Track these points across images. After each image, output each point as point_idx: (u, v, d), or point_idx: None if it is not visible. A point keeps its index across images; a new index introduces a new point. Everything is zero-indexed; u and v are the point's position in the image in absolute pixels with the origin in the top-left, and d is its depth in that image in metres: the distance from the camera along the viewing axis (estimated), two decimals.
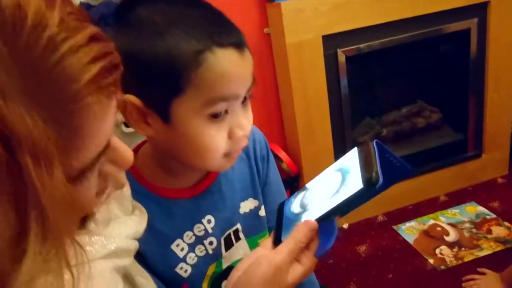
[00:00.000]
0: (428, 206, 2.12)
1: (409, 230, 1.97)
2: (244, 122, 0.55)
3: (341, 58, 1.83)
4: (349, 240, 1.99)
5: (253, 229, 0.70)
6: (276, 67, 1.96)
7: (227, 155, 0.56)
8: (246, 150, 0.69)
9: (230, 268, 0.67)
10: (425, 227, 1.97)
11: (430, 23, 1.87)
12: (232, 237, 0.68)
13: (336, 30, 1.77)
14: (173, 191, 0.63)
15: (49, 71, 0.29)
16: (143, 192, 0.61)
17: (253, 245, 0.70)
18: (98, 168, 0.39)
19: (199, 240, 0.64)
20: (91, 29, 0.33)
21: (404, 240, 1.91)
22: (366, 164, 0.50)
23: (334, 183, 0.53)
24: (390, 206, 2.14)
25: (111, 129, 0.38)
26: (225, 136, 0.54)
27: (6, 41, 0.27)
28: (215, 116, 0.52)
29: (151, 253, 0.61)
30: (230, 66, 0.51)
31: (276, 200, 0.73)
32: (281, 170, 2.08)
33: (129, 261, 0.50)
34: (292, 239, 0.52)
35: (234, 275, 0.54)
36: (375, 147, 0.50)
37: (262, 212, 0.71)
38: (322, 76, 1.83)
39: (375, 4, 1.77)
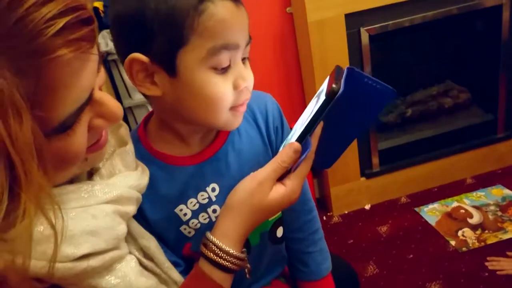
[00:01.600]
0: (454, 189, 2.08)
1: (432, 212, 1.94)
2: (246, 73, 0.57)
3: (364, 37, 1.79)
4: (370, 220, 1.99)
5: None
6: (298, 47, 1.95)
7: (232, 108, 0.58)
8: (254, 117, 0.69)
9: None
10: (448, 209, 1.94)
11: (456, 0, 1.80)
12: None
13: (359, 8, 1.74)
14: (178, 158, 0.64)
15: (14, 25, 0.32)
16: (148, 157, 0.63)
17: None
18: (87, 122, 0.42)
19: (203, 207, 0.66)
20: None
21: (426, 221, 1.89)
22: (331, 81, 0.52)
23: (311, 108, 0.56)
24: (414, 188, 2.12)
25: (91, 83, 0.41)
26: (230, 87, 0.56)
27: None
28: (218, 68, 0.54)
29: (156, 216, 0.64)
30: (228, 15, 0.53)
31: None
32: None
33: (132, 208, 0.53)
34: (276, 159, 0.55)
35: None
36: (345, 70, 0.52)
37: None
38: (344, 55, 1.81)
39: None
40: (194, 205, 0.66)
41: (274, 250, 0.75)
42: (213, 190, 0.66)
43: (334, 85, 0.50)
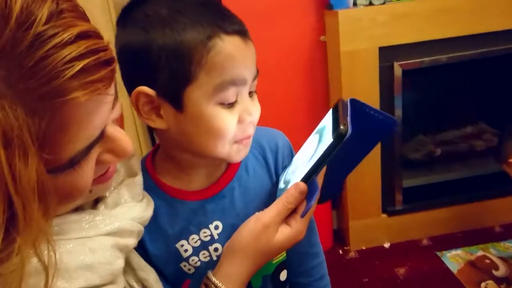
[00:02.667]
0: (480, 236, 1.98)
1: (454, 259, 1.85)
2: (252, 108, 0.57)
3: (397, 71, 1.77)
4: (388, 260, 1.92)
5: None
6: (329, 75, 1.94)
7: (236, 142, 0.57)
8: (264, 155, 0.68)
9: None
10: (472, 257, 1.84)
11: (497, 40, 1.75)
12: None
13: (394, 42, 1.72)
14: (182, 192, 0.63)
15: (33, 67, 0.32)
16: (153, 189, 0.62)
17: None
18: (96, 157, 0.42)
19: (204, 245, 0.64)
20: (82, 27, 0.35)
21: (447, 268, 1.80)
22: (337, 119, 0.51)
23: (313, 144, 0.55)
24: (437, 231, 2.03)
25: (104, 121, 0.40)
26: (235, 121, 0.55)
27: None
28: (225, 103, 0.54)
29: (156, 250, 0.63)
30: (236, 51, 0.53)
31: None
32: None
33: (132, 242, 0.52)
34: (281, 200, 0.54)
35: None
36: (349, 104, 0.51)
37: None
38: (375, 88, 1.78)
39: (438, 18, 1.69)
40: (196, 241, 0.64)
41: None
42: (216, 228, 0.64)
43: (342, 126, 0.48)
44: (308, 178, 0.53)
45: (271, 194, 0.67)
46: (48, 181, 0.35)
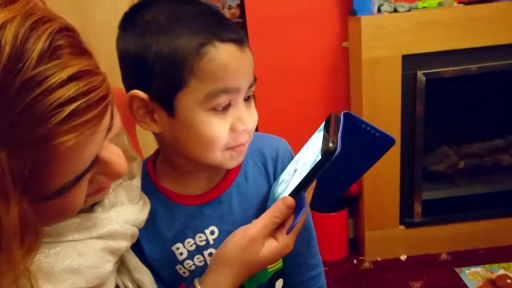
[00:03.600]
0: (502, 254, 1.91)
1: (473, 276, 1.78)
2: (246, 116, 0.56)
3: (421, 80, 1.73)
4: (404, 273, 1.87)
5: None
6: (350, 82, 1.92)
7: (229, 149, 0.57)
8: (264, 163, 0.67)
9: None
10: (493, 276, 1.77)
11: None
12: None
13: (418, 50, 1.68)
14: (181, 196, 0.64)
15: (19, 114, 0.31)
16: (152, 191, 0.63)
17: None
18: (88, 180, 0.42)
19: (199, 249, 0.64)
20: (75, 67, 0.34)
21: (465, 285, 1.74)
22: (327, 134, 0.51)
23: (304, 158, 0.55)
24: (457, 246, 1.96)
25: (95, 152, 0.39)
26: (227, 129, 0.55)
27: None
28: (217, 109, 0.54)
29: (153, 251, 0.63)
30: (231, 59, 0.53)
31: (299, 234, 0.70)
32: None
33: (125, 244, 0.52)
34: (268, 214, 0.54)
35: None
36: (342, 118, 0.50)
37: None
38: (397, 96, 1.75)
39: (465, 27, 1.64)
40: (191, 245, 0.64)
41: None
42: (212, 233, 0.64)
43: (330, 144, 0.48)
44: (297, 193, 0.53)
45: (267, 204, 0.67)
46: (33, 221, 0.34)
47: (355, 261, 1.99)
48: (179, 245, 0.64)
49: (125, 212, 0.53)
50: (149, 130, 0.58)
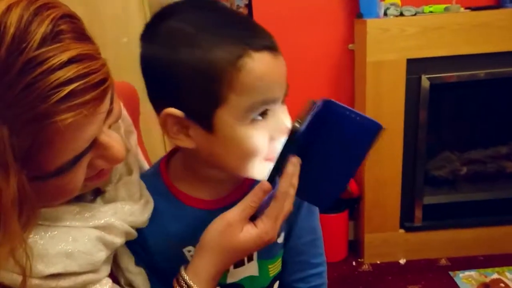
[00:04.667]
0: (503, 261, 1.90)
1: (467, 280, 1.79)
2: (285, 124, 0.54)
3: (425, 84, 1.73)
4: (402, 276, 1.87)
5: (267, 253, 0.67)
6: (355, 85, 1.92)
7: (267, 159, 0.55)
8: None
9: (232, 285, 0.66)
10: (486, 279, 1.78)
11: None
12: (245, 257, 0.66)
13: (423, 54, 1.68)
14: (193, 199, 0.63)
15: (21, 92, 0.33)
16: (163, 192, 0.62)
17: (263, 268, 0.68)
18: (87, 162, 0.44)
19: None
20: (75, 50, 0.36)
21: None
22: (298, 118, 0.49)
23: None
24: (457, 252, 1.96)
25: (93, 134, 0.42)
26: (267, 140, 0.53)
27: None
28: (257, 119, 0.52)
29: (160, 252, 0.63)
30: (268, 69, 0.50)
31: (303, 236, 0.69)
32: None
33: (119, 241, 0.54)
34: (246, 199, 0.53)
35: None
36: (320, 105, 0.49)
37: (279, 239, 0.68)
38: (400, 100, 1.75)
39: (472, 33, 1.64)
40: None
41: None
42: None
43: (296, 124, 0.47)
44: (272, 178, 0.52)
45: None
46: (31, 194, 0.36)
47: (354, 263, 1.99)
48: (190, 248, 0.63)
49: (123, 210, 0.54)
50: (183, 146, 0.55)
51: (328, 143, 0.51)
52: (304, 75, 1.95)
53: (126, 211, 0.55)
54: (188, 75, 0.49)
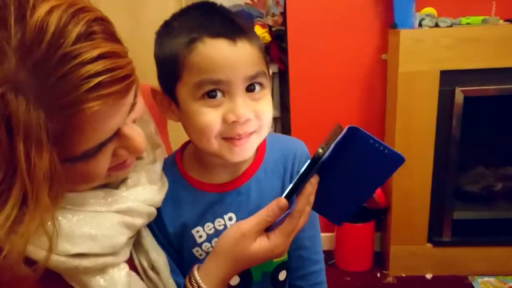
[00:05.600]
0: None
1: (485, 285, 1.76)
2: (239, 108, 0.58)
3: (459, 97, 1.70)
4: None
5: None
6: (387, 95, 1.91)
7: (227, 140, 0.61)
8: (285, 162, 0.71)
9: None
10: (505, 286, 1.74)
11: None
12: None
13: (458, 66, 1.66)
14: (204, 184, 0.69)
15: (57, 80, 0.39)
16: (179, 180, 0.69)
17: None
18: (111, 151, 0.50)
19: (218, 233, 0.68)
20: (104, 48, 0.42)
21: None
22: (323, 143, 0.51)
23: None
24: (487, 270, 1.89)
25: (117, 125, 0.48)
26: (218, 118, 0.59)
27: (23, 55, 0.38)
28: (208, 97, 0.58)
29: (174, 233, 0.69)
30: (217, 53, 0.57)
31: (306, 229, 0.71)
32: (371, 199, 2.01)
33: (141, 222, 0.59)
34: (262, 212, 0.57)
35: None
36: (345, 131, 0.51)
37: None
38: (432, 112, 1.73)
39: (508, 45, 1.60)
40: (210, 229, 0.69)
41: None
42: (230, 219, 0.69)
43: (320, 149, 0.50)
44: (290, 196, 0.54)
45: None
46: (61, 172, 0.42)
47: (378, 274, 1.97)
48: (199, 228, 0.69)
49: (144, 192, 0.60)
50: (172, 119, 0.65)
51: (350, 167, 0.54)
52: (336, 83, 1.96)
53: (145, 193, 0.60)
54: (163, 58, 0.61)
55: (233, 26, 0.59)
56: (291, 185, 0.55)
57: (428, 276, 1.93)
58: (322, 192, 0.58)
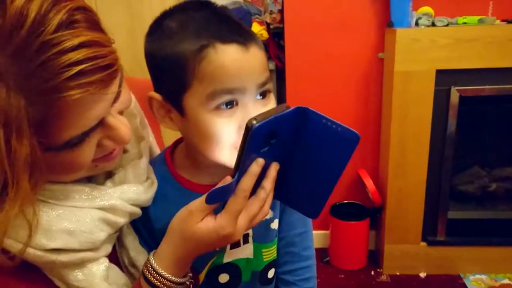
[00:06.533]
0: None
1: (477, 283, 1.78)
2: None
3: (454, 96, 1.70)
4: None
5: (262, 237, 0.71)
6: (383, 94, 1.92)
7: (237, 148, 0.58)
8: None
9: (229, 264, 0.70)
10: (496, 284, 1.75)
11: None
12: (241, 238, 0.69)
13: (454, 66, 1.66)
14: (194, 185, 0.67)
15: (37, 67, 0.39)
16: (168, 178, 0.68)
17: (257, 251, 0.71)
18: (96, 141, 0.49)
19: None
20: (86, 37, 0.42)
21: None
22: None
23: None
24: (480, 269, 1.90)
25: (100, 114, 0.47)
26: (234, 128, 0.56)
27: (3, 41, 0.38)
28: (222, 108, 0.55)
29: (159, 230, 0.65)
30: (231, 60, 0.54)
31: (296, 227, 0.73)
32: (365, 197, 2.02)
33: (122, 221, 0.58)
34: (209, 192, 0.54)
35: None
36: (293, 109, 0.49)
37: (274, 225, 0.71)
38: (428, 111, 1.73)
39: (505, 46, 1.60)
40: None
41: None
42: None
43: (252, 120, 0.46)
44: (233, 174, 0.52)
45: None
46: (41, 159, 0.42)
47: (372, 273, 1.98)
48: None
49: (129, 191, 0.59)
50: (170, 128, 0.62)
51: (309, 153, 0.52)
52: (333, 82, 1.96)
53: (132, 191, 0.59)
54: (165, 64, 0.57)
55: (242, 31, 0.57)
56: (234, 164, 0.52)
57: (422, 274, 1.94)
58: (287, 183, 0.56)
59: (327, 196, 0.56)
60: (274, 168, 0.54)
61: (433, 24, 1.67)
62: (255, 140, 0.48)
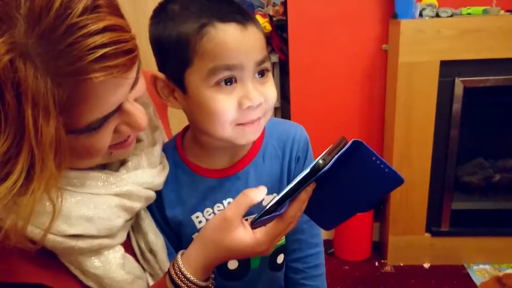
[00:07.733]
0: None
1: (481, 273, 1.80)
2: (252, 93, 0.59)
3: (459, 87, 1.70)
4: (425, 281, 1.87)
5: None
6: (387, 85, 1.92)
7: (239, 125, 0.61)
8: (284, 146, 0.72)
9: None
10: (500, 274, 1.77)
11: None
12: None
13: (458, 57, 1.66)
14: (203, 170, 0.69)
15: (63, 50, 0.41)
16: (179, 163, 0.70)
17: None
18: (114, 126, 0.51)
19: None
20: (110, 21, 0.43)
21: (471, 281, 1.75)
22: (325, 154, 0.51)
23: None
24: (484, 260, 1.92)
25: (120, 99, 0.49)
26: (234, 104, 0.59)
27: (32, 23, 0.39)
28: (221, 84, 0.58)
29: (174, 217, 0.70)
30: (230, 38, 0.57)
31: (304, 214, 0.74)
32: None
33: (138, 205, 0.60)
34: (239, 196, 0.57)
35: None
36: (348, 145, 0.50)
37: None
38: (432, 102, 1.73)
39: (510, 36, 1.60)
40: (210, 214, 0.70)
41: (271, 277, 0.76)
42: (229, 204, 0.70)
43: (320, 161, 0.49)
44: (282, 200, 0.54)
45: (279, 184, 0.71)
46: (65, 140, 0.43)
47: (376, 264, 1.99)
48: (198, 213, 0.70)
49: (143, 175, 0.60)
50: (174, 107, 0.65)
51: (347, 179, 0.53)
52: (337, 74, 1.96)
53: (146, 174, 0.61)
54: (168, 44, 0.59)
55: (241, 11, 0.59)
56: (286, 189, 0.53)
57: (426, 265, 1.95)
58: (315, 198, 0.57)
59: (348, 218, 0.58)
60: (310, 188, 0.56)
61: (437, 15, 1.67)
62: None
